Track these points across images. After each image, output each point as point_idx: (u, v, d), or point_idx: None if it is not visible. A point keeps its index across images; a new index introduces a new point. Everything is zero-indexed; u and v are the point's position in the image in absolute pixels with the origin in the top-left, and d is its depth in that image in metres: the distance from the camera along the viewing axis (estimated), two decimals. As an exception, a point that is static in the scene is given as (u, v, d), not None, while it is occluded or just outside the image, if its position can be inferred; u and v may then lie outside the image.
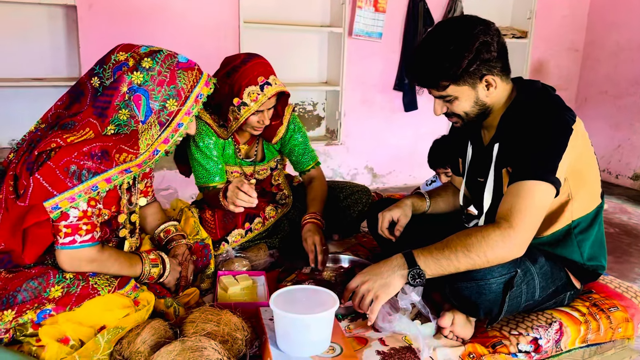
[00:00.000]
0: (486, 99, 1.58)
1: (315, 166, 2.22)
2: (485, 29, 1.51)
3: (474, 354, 1.53)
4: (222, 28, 3.66)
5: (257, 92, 1.84)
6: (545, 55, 4.87)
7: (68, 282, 1.38)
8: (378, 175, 4.53)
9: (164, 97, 1.51)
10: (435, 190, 2.02)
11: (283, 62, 4.03)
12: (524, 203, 1.44)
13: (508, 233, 1.42)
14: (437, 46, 1.53)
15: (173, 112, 1.53)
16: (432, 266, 1.46)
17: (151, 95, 1.49)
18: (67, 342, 1.31)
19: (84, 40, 3.32)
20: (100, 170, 1.42)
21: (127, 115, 1.48)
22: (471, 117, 1.62)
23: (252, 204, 1.73)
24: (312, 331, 1.36)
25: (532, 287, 1.56)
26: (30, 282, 1.36)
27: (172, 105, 1.52)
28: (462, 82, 1.53)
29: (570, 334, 1.65)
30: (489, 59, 1.51)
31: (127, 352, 1.31)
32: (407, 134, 4.46)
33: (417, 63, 1.58)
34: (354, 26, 4.02)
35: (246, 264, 1.89)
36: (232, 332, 1.39)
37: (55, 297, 1.36)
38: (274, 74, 1.92)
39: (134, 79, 1.48)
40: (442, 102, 1.61)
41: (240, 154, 2.10)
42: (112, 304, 1.39)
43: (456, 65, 1.49)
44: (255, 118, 1.92)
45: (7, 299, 1.34)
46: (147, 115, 1.50)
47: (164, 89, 1.50)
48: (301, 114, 4.27)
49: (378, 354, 1.48)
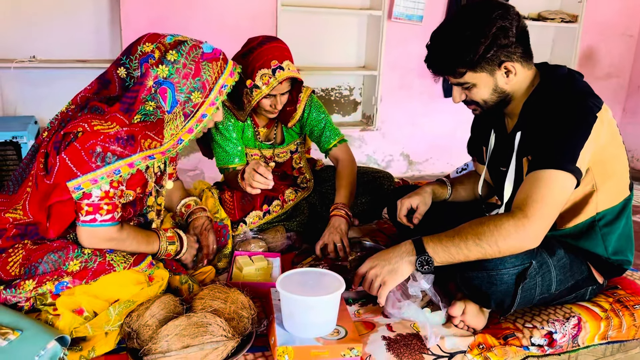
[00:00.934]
0: (505, 86, 1.54)
1: (338, 144, 2.16)
2: (503, 13, 1.46)
3: (484, 345, 1.50)
4: (259, 11, 3.67)
5: (269, 75, 1.84)
6: (596, 41, 4.66)
7: (86, 257, 1.44)
8: (414, 162, 4.47)
9: (189, 89, 1.53)
10: (458, 178, 1.99)
11: (320, 46, 4.03)
12: (540, 192, 1.40)
13: (522, 223, 1.38)
14: (453, 32, 1.49)
15: (197, 104, 1.55)
16: (441, 254, 1.43)
17: (177, 88, 1.52)
18: (82, 313, 1.37)
19: (126, 23, 3.40)
20: (124, 155, 1.46)
21: (154, 106, 1.52)
22: (490, 105, 1.58)
23: (268, 186, 1.75)
24: (316, 313, 1.38)
25: (548, 279, 1.52)
26: (51, 255, 1.43)
27: (197, 97, 1.54)
28: (479, 69, 1.49)
29: (589, 329, 1.60)
30: (507, 44, 1.46)
31: (136, 324, 1.36)
32: (446, 121, 4.37)
33: (434, 50, 1.54)
34: (393, 9, 3.95)
35: (263, 245, 1.92)
36: (239, 310, 1.41)
37: (74, 270, 1.42)
38: (289, 59, 1.91)
39: (159, 72, 1.50)
40: (460, 90, 1.58)
41: (259, 136, 2.11)
42: (126, 280, 1.44)
43: (472, 52, 1.45)
44: (268, 102, 1.92)
45: (30, 269, 1.42)
46: (173, 106, 1.53)
47: (189, 81, 1.53)
48: (337, 98, 4.25)
49: (384, 340, 1.48)
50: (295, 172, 2.23)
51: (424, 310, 1.55)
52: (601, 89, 4.70)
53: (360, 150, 4.24)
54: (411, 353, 1.44)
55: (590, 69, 4.70)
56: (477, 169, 1.98)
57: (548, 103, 1.50)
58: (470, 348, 1.49)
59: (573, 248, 1.59)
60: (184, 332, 1.29)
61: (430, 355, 1.44)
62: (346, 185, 2.06)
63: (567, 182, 1.41)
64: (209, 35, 3.03)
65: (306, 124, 2.14)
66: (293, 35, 3.85)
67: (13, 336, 1.24)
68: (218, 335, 1.31)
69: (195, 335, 1.29)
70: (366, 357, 1.41)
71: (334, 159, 2.17)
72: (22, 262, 1.44)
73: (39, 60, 3.37)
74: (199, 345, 1.27)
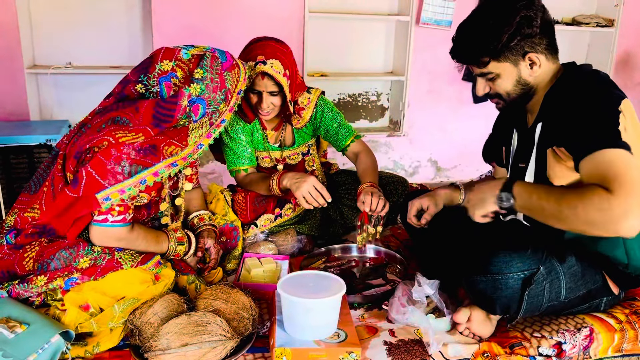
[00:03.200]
0: (529, 78, 1.52)
1: (354, 140, 2.17)
2: (528, 3, 1.46)
3: (489, 353, 1.47)
4: (287, 18, 3.71)
5: (251, 67, 1.86)
6: (633, 46, 4.50)
7: (96, 254, 1.49)
8: (442, 169, 4.42)
9: (217, 101, 1.59)
10: (472, 183, 1.96)
11: (347, 51, 4.05)
12: (612, 170, 1.27)
13: (607, 199, 1.23)
14: (478, 21, 1.51)
15: (223, 112, 1.61)
16: (524, 196, 1.38)
17: (207, 103, 1.58)
18: (88, 309, 1.42)
19: (157, 31, 3.50)
20: (148, 164, 1.50)
21: (184, 120, 1.58)
22: (513, 98, 1.56)
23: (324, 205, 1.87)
24: (314, 315, 1.38)
25: (557, 286, 1.48)
26: (62, 252, 1.48)
27: (223, 107, 1.61)
28: (502, 59, 1.49)
29: (602, 341, 1.55)
30: (531, 34, 1.46)
31: (139, 322, 1.40)
32: (475, 127, 4.28)
33: (458, 39, 1.55)
34: (422, 14, 3.93)
35: (272, 247, 1.94)
36: (239, 311, 1.43)
37: (84, 267, 1.46)
38: (281, 60, 1.88)
39: (192, 91, 1.55)
40: (484, 81, 1.57)
41: (268, 139, 2.14)
42: (133, 278, 1.48)
43: (496, 40, 1.46)
44: (255, 98, 1.94)
45: (42, 265, 1.47)
46: (201, 117, 1.58)
47: (217, 94, 1.58)
48: (364, 104, 4.25)
49: (385, 345, 1.47)
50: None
51: (428, 316, 1.53)
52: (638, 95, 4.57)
53: (387, 156, 4.22)
54: (412, 359, 1.42)
55: (627, 74, 4.55)
56: (496, 173, 1.95)
57: (571, 93, 1.46)
58: (474, 356, 1.46)
59: (588, 255, 1.54)
60: (184, 331, 1.32)
61: (432, 362, 1.43)
62: (372, 169, 2.08)
63: (628, 156, 1.30)
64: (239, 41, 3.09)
65: (320, 125, 2.15)
66: (320, 41, 3.90)
67: (20, 329, 1.30)
68: (217, 335, 1.33)
69: (195, 334, 1.31)
70: (366, 361, 1.41)
71: (352, 154, 2.18)
72: (36, 258, 1.49)
73: (74, 66, 3.51)
74: (197, 344, 1.30)
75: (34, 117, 3.50)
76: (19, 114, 3.48)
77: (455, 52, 1.57)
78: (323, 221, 2.15)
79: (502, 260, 1.42)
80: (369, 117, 4.29)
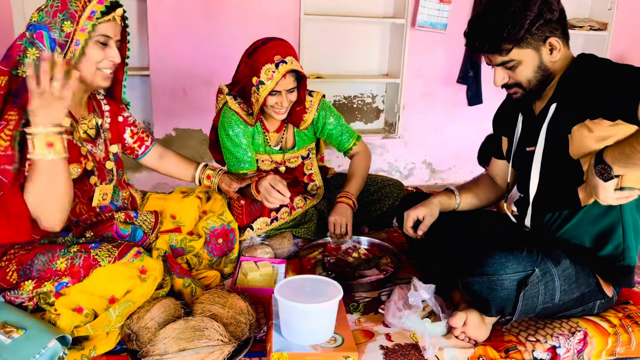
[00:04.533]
0: (549, 63, 1.54)
1: (356, 142, 2.25)
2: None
3: (484, 357, 1.48)
4: (283, 19, 3.71)
5: (273, 69, 1.87)
6: (626, 50, 4.53)
7: (72, 254, 1.47)
8: (437, 171, 4.43)
9: (59, 23, 1.53)
10: (466, 185, 1.96)
11: (343, 53, 4.05)
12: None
13: None
14: (497, 9, 1.51)
15: (69, 32, 1.53)
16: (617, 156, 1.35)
17: (50, 28, 1.53)
18: (81, 312, 1.41)
19: (153, 33, 3.49)
20: None
21: (36, 54, 1.52)
22: (533, 85, 1.57)
23: (285, 202, 1.86)
24: (311, 320, 1.39)
25: (552, 289, 1.49)
26: (39, 256, 1.48)
27: (68, 26, 1.53)
28: (525, 45, 1.50)
29: (596, 345, 1.57)
30: (551, 19, 1.48)
31: (136, 326, 1.40)
32: (470, 129, 4.31)
33: (478, 28, 1.55)
34: (417, 17, 3.94)
35: (269, 251, 1.94)
36: (237, 316, 1.44)
37: (61, 268, 1.45)
38: (293, 55, 1.93)
39: (32, 19, 1.54)
40: (503, 71, 1.57)
41: (270, 142, 2.14)
42: (118, 275, 1.46)
43: (519, 26, 1.47)
44: (274, 99, 1.95)
45: (24, 271, 1.48)
46: (53, 47, 1.53)
47: (57, 17, 1.53)
48: (360, 106, 4.26)
49: (381, 349, 1.48)
50: (306, 179, 2.25)
51: (424, 320, 1.54)
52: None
53: (382, 158, 4.23)
54: (408, 363, 1.43)
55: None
56: (493, 167, 1.94)
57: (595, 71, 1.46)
58: (470, 360, 1.47)
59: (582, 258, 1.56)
60: (181, 336, 1.32)
61: (428, 366, 1.44)
62: (358, 176, 2.17)
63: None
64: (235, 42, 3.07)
65: (323, 129, 2.18)
66: (316, 44, 3.90)
67: (17, 334, 1.29)
68: (214, 340, 1.33)
69: (192, 338, 1.32)
70: (362, 365, 1.41)
71: (352, 156, 2.27)
72: (17, 268, 1.49)
73: (69, 67, 3.50)
74: (194, 349, 1.30)
75: (27, 117, 3.49)
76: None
77: (474, 41, 1.56)
78: (319, 225, 2.16)
79: (498, 261, 1.43)
80: (364, 119, 4.30)
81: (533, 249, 1.51)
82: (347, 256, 2.01)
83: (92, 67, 1.58)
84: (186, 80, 3.62)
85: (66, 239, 1.58)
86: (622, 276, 1.64)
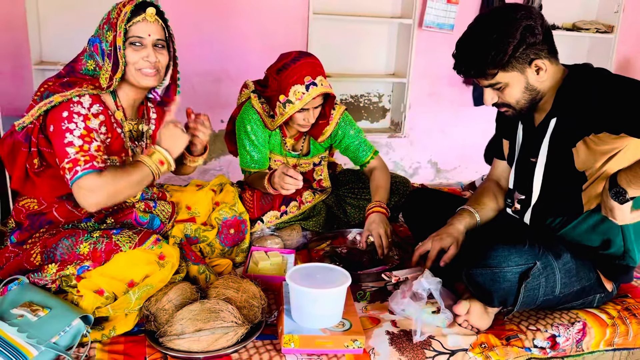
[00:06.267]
0: (537, 83, 1.57)
1: (374, 156, 2.24)
2: (527, 13, 1.50)
3: (486, 344, 1.54)
4: (292, 18, 3.77)
5: (303, 91, 1.92)
6: (633, 52, 4.57)
7: (94, 239, 1.54)
8: (442, 170, 4.49)
9: (105, 34, 1.61)
10: (477, 200, 1.89)
11: (350, 53, 4.10)
12: None
13: None
14: (480, 35, 1.53)
15: (112, 41, 1.59)
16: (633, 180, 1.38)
17: (101, 40, 1.62)
18: (102, 294, 1.48)
19: (164, 29, 3.56)
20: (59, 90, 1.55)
21: (94, 65, 1.64)
22: (522, 105, 1.60)
23: (299, 186, 1.88)
24: (321, 305, 1.45)
25: (552, 281, 1.55)
26: (63, 240, 1.55)
27: (110, 36, 1.60)
28: (510, 68, 1.53)
29: (594, 335, 1.62)
30: (535, 42, 1.50)
31: (154, 308, 1.47)
32: (476, 129, 4.36)
33: (462, 55, 1.57)
34: (424, 17, 4.00)
35: (278, 242, 2.01)
36: (250, 300, 1.50)
37: (84, 253, 1.53)
38: (322, 74, 1.98)
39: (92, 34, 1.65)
40: (492, 91, 1.61)
41: (286, 146, 2.21)
42: (137, 260, 1.53)
43: (502, 52, 1.49)
44: (301, 116, 2.01)
45: (48, 254, 1.55)
46: (102, 55, 1.62)
47: (104, 29, 1.61)
48: (366, 105, 4.32)
49: (387, 334, 1.54)
50: (315, 184, 2.30)
51: (424, 310, 1.59)
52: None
53: (387, 157, 4.29)
54: (413, 348, 1.49)
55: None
56: (495, 168, 1.96)
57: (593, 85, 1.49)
58: (472, 347, 1.53)
59: (583, 253, 1.61)
60: (198, 317, 1.39)
61: (432, 351, 1.50)
62: (384, 187, 2.13)
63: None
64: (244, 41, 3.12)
65: (342, 141, 2.21)
66: (324, 43, 3.95)
67: (42, 313, 1.36)
68: (229, 321, 1.40)
69: (208, 320, 1.38)
70: (369, 349, 1.47)
71: (369, 170, 2.24)
72: (41, 250, 1.56)
73: (82, 63, 3.57)
74: (210, 330, 1.37)
75: (41, 113, 3.56)
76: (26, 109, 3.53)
77: (461, 67, 1.59)
78: (327, 218, 2.22)
79: (501, 254, 1.49)
80: (370, 118, 4.35)
81: (535, 243, 1.56)
82: (355, 245, 2.06)
83: (132, 68, 1.63)
84: (195, 77, 3.68)
85: (88, 224, 1.66)
86: (622, 274, 1.69)
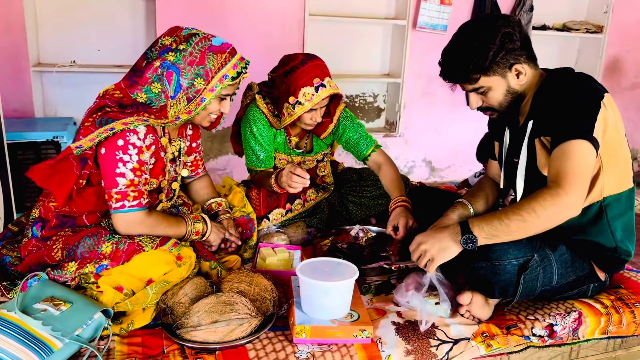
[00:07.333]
0: (517, 86, 1.67)
1: (375, 149, 2.24)
2: (505, 22, 1.61)
3: (487, 333, 1.61)
4: (288, 19, 3.83)
5: (312, 92, 1.99)
6: (621, 52, 4.68)
7: (117, 239, 1.61)
8: (436, 169, 4.57)
9: (193, 75, 1.65)
10: (474, 193, 1.98)
11: (345, 53, 4.17)
12: (568, 163, 1.50)
13: (557, 193, 1.48)
14: (464, 43, 1.63)
15: (200, 89, 1.66)
16: (486, 229, 1.52)
17: (182, 73, 1.65)
18: (121, 290, 1.53)
19: (161, 30, 3.60)
20: (119, 117, 1.59)
21: (159, 89, 1.65)
22: (505, 107, 1.70)
23: (306, 185, 1.94)
24: (331, 297, 1.51)
25: (550, 272, 1.63)
26: (86, 239, 1.61)
27: (200, 84, 1.66)
28: (491, 73, 1.62)
29: (590, 324, 1.70)
30: (514, 48, 1.60)
31: (171, 302, 1.52)
32: (469, 128, 4.42)
33: (447, 62, 1.68)
34: (418, 18, 4.07)
35: (285, 238, 2.07)
36: (262, 293, 1.56)
37: (107, 252, 1.58)
38: (329, 75, 2.05)
39: (168, 57, 1.65)
40: (476, 96, 1.70)
41: (290, 144, 2.27)
42: (157, 260, 1.59)
43: (483, 57, 1.59)
44: (308, 115, 2.07)
45: (69, 252, 1.60)
46: (177, 92, 1.66)
47: (193, 68, 1.65)
48: (361, 105, 4.39)
49: (393, 325, 1.61)
50: (318, 180, 2.37)
51: (427, 301, 1.66)
52: (627, 99, 4.77)
53: (382, 155, 4.35)
54: (418, 337, 1.56)
55: (615, 79, 4.74)
56: (490, 168, 2.05)
57: (557, 89, 1.61)
58: (474, 336, 1.60)
59: (578, 244, 1.69)
60: (213, 309, 1.45)
61: (436, 340, 1.57)
62: (398, 183, 2.15)
63: (590, 150, 1.51)
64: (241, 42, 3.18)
65: (342, 137, 2.26)
66: (320, 43, 4.01)
67: (64, 307, 1.41)
68: (243, 313, 1.45)
69: (223, 312, 1.44)
70: (377, 339, 1.54)
71: (375, 164, 2.25)
72: (63, 247, 1.62)
73: (79, 65, 3.60)
74: (226, 321, 1.42)
75: (38, 115, 3.58)
76: (24, 111, 3.55)
77: (446, 73, 1.70)
78: (330, 216, 2.30)
79: (500, 248, 1.56)
80: (365, 118, 4.43)
81: (532, 237, 1.63)
82: (357, 241, 2.12)
83: (206, 115, 1.75)
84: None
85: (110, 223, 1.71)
86: (615, 266, 1.78)
